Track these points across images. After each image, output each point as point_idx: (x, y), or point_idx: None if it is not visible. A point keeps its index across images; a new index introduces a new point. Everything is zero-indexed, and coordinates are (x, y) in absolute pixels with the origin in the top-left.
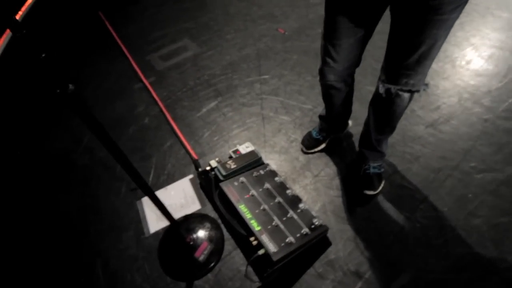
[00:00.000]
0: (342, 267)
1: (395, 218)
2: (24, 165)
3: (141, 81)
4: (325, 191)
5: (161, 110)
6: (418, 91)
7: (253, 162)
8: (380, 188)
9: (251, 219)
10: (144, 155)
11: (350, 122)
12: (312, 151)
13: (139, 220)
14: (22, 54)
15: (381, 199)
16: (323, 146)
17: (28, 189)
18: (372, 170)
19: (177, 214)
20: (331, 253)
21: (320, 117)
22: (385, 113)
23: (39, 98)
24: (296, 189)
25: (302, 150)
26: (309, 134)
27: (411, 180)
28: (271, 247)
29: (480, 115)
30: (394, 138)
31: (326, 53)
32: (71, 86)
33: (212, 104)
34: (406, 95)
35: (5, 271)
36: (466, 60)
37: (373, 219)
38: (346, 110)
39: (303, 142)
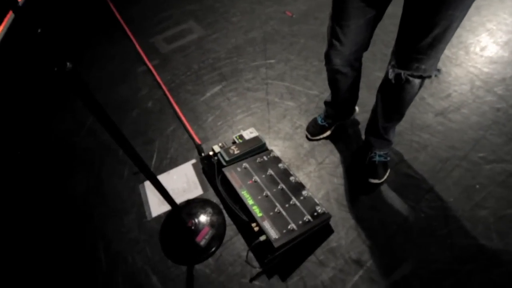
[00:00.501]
0: (344, 255)
1: (399, 208)
2: (27, 151)
3: (145, 64)
4: (329, 178)
5: (164, 94)
6: (429, 76)
7: (256, 148)
8: (385, 177)
9: (253, 205)
10: (147, 139)
11: (357, 109)
12: (317, 138)
13: (141, 204)
14: (21, 31)
15: (385, 188)
16: (328, 133)
17: (32, 172)
18: (378, 159)
19: (179, 199)
20: (332, 241)
21: (326, 103)
22: (394, 100)
23: (42, 79)
24: (299, 176)
25: (306, 137)
26: (314, 120)
27: (418, 169)
28: (273, 233)
29: (492, 104)
30: (401, 126)
31: (333, 35)
32: (69, 64)
33: (217, 89)
34: (417, 81)
35: (10, 254)
36: (481, 47)
37: (377, 208)
38: (352, 96)
39: (308, 129)
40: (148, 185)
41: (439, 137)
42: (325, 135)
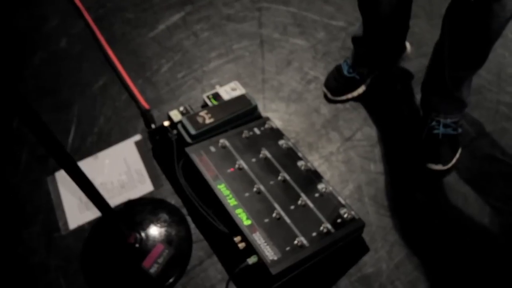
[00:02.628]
0: (385, 286)
1: (477, 211)
2: None
3: None
4: (361, 164)
5: (87, 26)
6: None
7: (242, 114)
8: (454, 160)
9: (236, 207)
10: (59, 101)
11: (408, 46)
12: (343, 98)
13: (50, 208)
14: None
15: (455, 178)
16: (361, 90)
17: None
18: (442, 130)
19: (114, 199)
20: (367, 264)
21: (355, 39)
22: (472, 31)
23: None
24: (313, 160)
25: (325, 97)
26: (338, 70)
27: (507, 148)
28: (269, 252)
29: None
30: (481, 77)
31: None
32: None
33: (176, 17)
34: None
35: None
36: None
37: (440, 212)
38: (400, 24)
39: (327, 83)
40: (61, 177)
41: None
42: (355, 93)
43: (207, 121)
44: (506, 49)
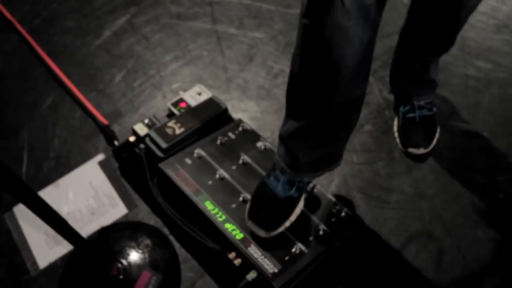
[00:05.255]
0: (386, 279)
1: (463, 189)
2: None
3: None
4: (344, 157)
5: (23, 40)
6: None
7: (213, 119)
8: (435, 141)
9: (225, 221)
10: (4, 127)
11: None
12: (281, 229)
13: (14, 248)
14: None
15: (437, 160)
16: (300, 207)
17: None
18: (418, 113)
19: (86, 228)
20: (366, 258)
21: (287, 136)
22: (441, 20)
23: None
24: None
25: (256, 237)
26: (264, 191)
27: (483, 122)
28: (269, 265)
29: None
30: (446, 53)
31: None
32: None
33: (121, 21)
34: None
35: None
36: None
37: (427, 195)
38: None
39: (254, 215)
40: (20, 212)
41: (509, 64)
42: (293, 217)
43: (177, 131)
44: (467, 23)
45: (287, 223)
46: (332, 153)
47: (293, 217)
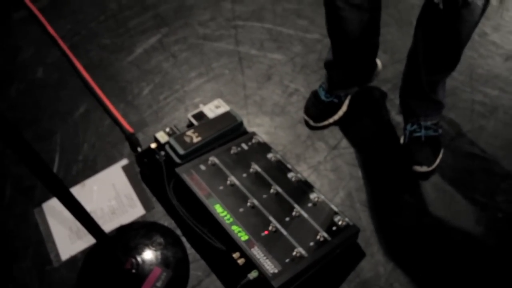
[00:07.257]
0: None
1: (465, 208)
2: None
3: (25, 6)
4: (349, 171)
5: (63, 54)
6: None
7: (229, 131)
8: (438, 160)
9: (232, 224)
10: (40, 131)
11: (379, 63)
12: (325, 123)
13: (40, 241)
14: None
15: (439, 178)
16: (341, 113)
17: None
18: (424, 133)
19: (106, 226)
20: (365, 269)
21: (327, 64)
22: (444, 37)
23: None
24: (302, 170)
25: (308, 124)
26: (315, 95)
27: (486, 145)
28: (270, 266)
29: None
30: (455, 79)
31: None
32: None
33: (153, 40)
34: (479, 3)
35: None
36: None
37: (428, 211)
38: (369, 44)
39: (308, 111)
40: (48, 208)
41: None
42: (336, 117)
43: (195, 140)
44: (475, 51)
45: (331, 120)
46: (356, 77)
47: (336, 117)
